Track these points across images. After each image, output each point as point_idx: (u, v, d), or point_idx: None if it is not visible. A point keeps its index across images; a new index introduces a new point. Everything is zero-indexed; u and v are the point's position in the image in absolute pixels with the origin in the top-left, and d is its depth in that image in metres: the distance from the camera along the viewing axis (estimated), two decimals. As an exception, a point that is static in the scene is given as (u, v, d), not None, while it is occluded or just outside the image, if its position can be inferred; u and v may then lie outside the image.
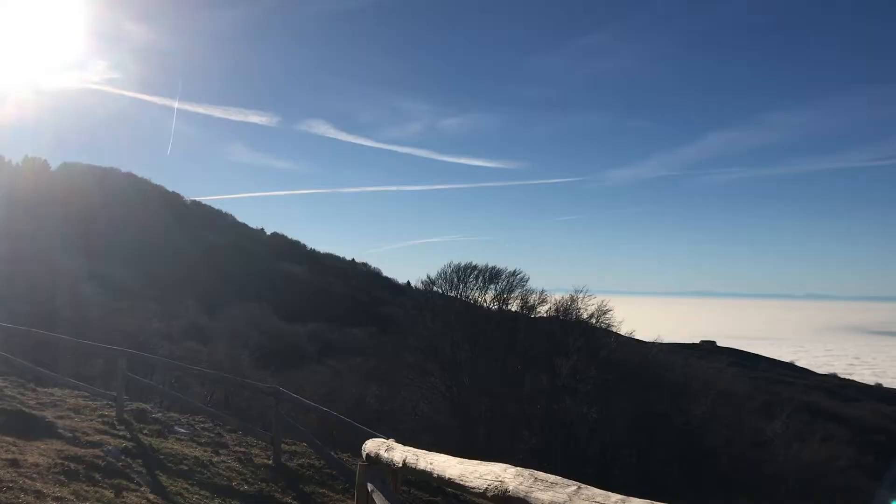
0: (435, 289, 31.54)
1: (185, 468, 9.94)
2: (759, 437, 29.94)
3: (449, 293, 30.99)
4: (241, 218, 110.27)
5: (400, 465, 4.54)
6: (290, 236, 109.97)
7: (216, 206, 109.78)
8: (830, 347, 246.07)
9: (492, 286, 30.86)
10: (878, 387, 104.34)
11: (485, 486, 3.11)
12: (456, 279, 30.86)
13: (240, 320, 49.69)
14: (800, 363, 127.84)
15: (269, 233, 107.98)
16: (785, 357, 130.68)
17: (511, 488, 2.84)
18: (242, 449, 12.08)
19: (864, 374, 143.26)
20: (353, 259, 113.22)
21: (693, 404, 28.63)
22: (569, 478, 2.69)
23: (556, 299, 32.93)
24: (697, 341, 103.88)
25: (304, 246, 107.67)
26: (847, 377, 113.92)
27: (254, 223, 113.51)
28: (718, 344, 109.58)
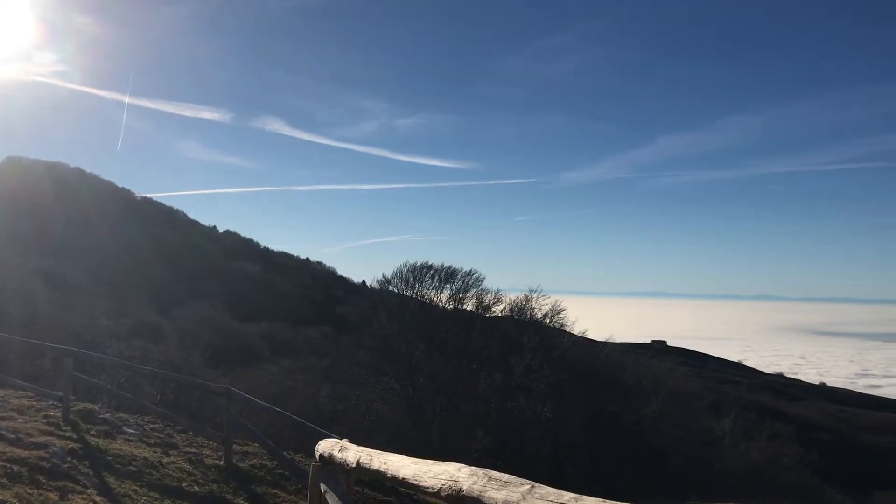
0: (390, 288, 31.46)
1: (134, 469, 9.76)
2: (709, 436, 30.51)
3: (404, 293, 30.94)
4: (193, 215, 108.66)
5: (354, 465, 4.51)
6: (243, 234, 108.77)
7: (168, 203, 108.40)
8: (777, 348, 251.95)
9: (447, 286, 30.92)
10: (823, 386, 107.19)
11: (439, 485, 3.10)
12: (412, 279, 30.83)
13: (191, 319, 48.94)
14: (748, 363, 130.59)
15: (221, 230, 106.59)
16: (733, 357, 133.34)
17: (465, 488, 2.84)
18: (193, 450, 11.90)
19: (809, 374, 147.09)
20: (307, 258, 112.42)
21: (644, 403, 29.04)
22: (522, 477, 2.70)
23: (511, 299, 33.15)
24: (648, 341, 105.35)
25: (258, 244, 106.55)
26: (793, 376, 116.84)
27: (206, 221, 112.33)
28: (669, 344, 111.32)
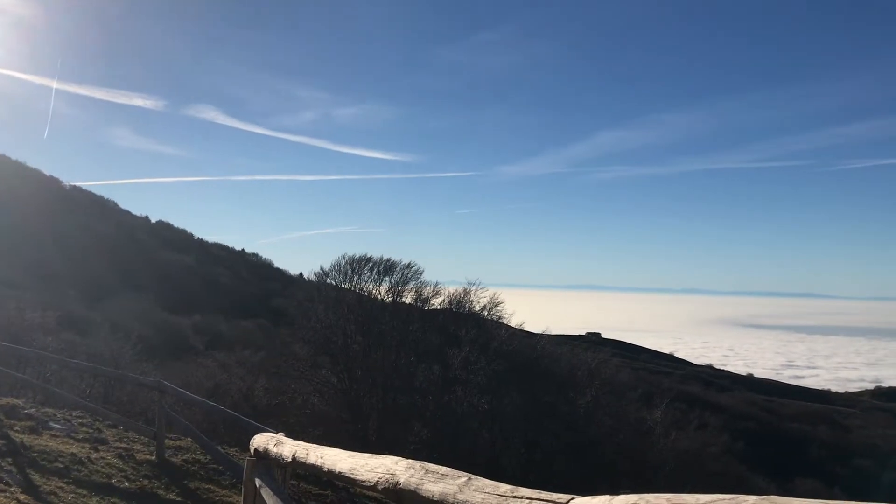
0: (328, 280, 31.19)
1: (61, 466, 9.48)
2: (641, 426, 31.16)
3: (342, 285, 30.72)
4: (124, 205, 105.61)
5: (289, 459, 4.48)
6: (176, 225, 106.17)
7: (98, 193, 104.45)
8: (707, 339, 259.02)
9: (386, 278, 30.80)
10: (750, 377, 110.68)
11: (375, 479, 3.11)
12: (350, 271, 30.62)
13: (122, 311, 47.66)
14: (678, 354, 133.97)
15: (154, 221, 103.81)
16: (665, 348, 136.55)
17: (402, 481, 2.85)
18: (123, 445, 11.63)
19: (737, 365, 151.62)
20: (243, 249, 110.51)
21: (578, 394, 29.50)
22: (459, 469, 2.73)
23: (449, 292, 33.27)
24: (583, 333, 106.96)
25: (192, 235, 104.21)
26: (721, 367, 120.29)
27: (138, 210, 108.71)
28: (603, 336, 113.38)
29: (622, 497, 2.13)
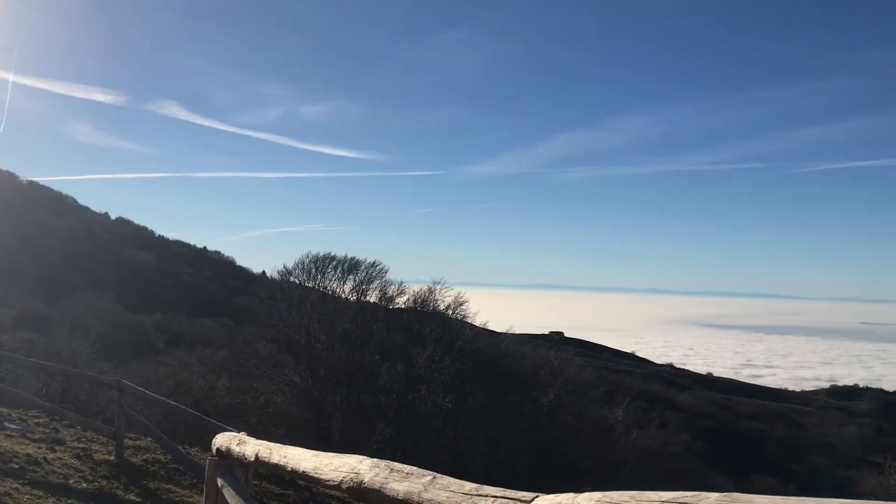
0: (292, 279, 30.98)
1: (16, 467, 9.29)
2: (603, 425, 31.47)
3: (306, 284, 30.53)
4: (83, 201, 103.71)
5: (252, 459, 4.45)
6: (137, 222, 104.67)
7: (56, 188, 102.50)
8: (668, 339, 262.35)
9: (350, 277, 30.68)
10: (710, 376, 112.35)
11: (340, 478, 3.10)
12: (314, 269, 30.44)
13: (81, 309, 46.89)
14: (640, 353, 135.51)
15: (114, 217, 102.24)
16: (627, 348, 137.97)
17: (366, 480, 2.84)
18: (81, 445, 11.44)
19: (697, 364, 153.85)
20: (204, 247, 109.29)
21: (541, 393, 29.67)
22: (424, 468, 2.73)
23: (414, 291, 33.22)
24: (547, 332, 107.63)
25: (153, 232, 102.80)
26: (682, 367, 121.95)
27: (98, 207, 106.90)
28: (566, 335, 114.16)
29: (586, 494, 2.15)
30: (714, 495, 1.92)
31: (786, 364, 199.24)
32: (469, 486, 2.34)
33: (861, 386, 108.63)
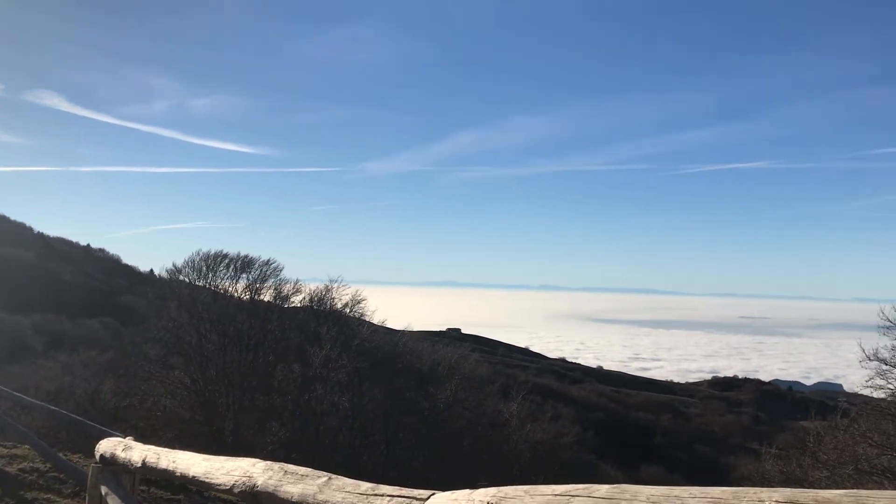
0: (181, 277, 29.99)
1: None
2: (498, 419, 31.98)
3: (197, 282, 29.63)
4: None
5: (139, 465, 4.30)
6: (13, 217, 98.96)
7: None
8: (560, 334, 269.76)
9: (244, 275, 29.98)
10: (600, 369, 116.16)
11: (232, 482, 3.02)
12: (205, 268, 29.56)
13: (-51, 311, 43.96)
14: (534, 348, 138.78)
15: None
16: (521, 343, 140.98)
17: (260, 483, 2.79)
18: (-51, 456, 10.73)
19: (588, 358, 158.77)
20: (88, 244, 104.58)
21: (439, 390, 29.89)
22: (320, 468, 2.70)
23: (310, 289, 32.83)
24: (444, 329, 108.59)
25: (31, 229, 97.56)
26: (574, 361, 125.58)
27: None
28: (463, 331, 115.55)
29: (481, 490, 2.17)
30: (604, 487, 1.98)
31: (671, 357, 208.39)
32: (365, 485, 2.33)
33: (740, 377, 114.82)
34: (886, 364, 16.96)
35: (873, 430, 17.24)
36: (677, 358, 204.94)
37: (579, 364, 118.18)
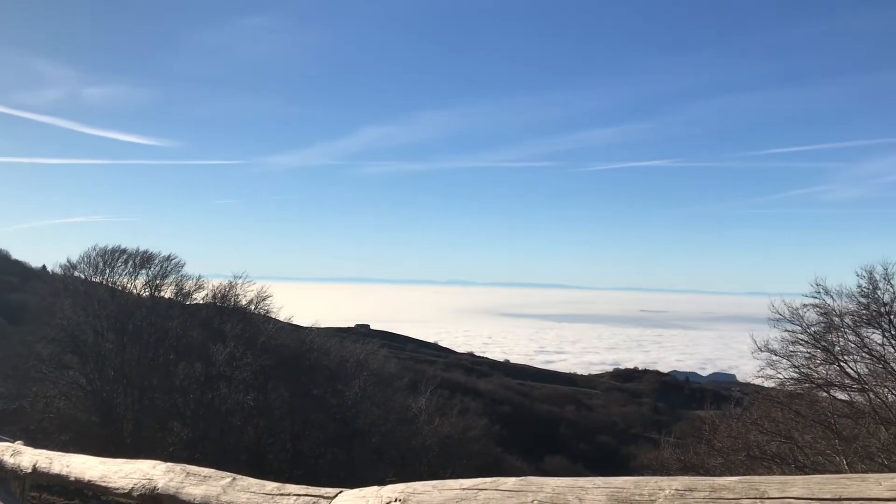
0: (77, 274, 28.75)
1: None
2: (407, 414, 32.04)
3: (93, 279, 28.45)
4: None
5: (29, 470, 4.10)
6: None
7: None
8: (468, 328, 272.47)
9: (143, 272, 28.95)
10: (507, 363, 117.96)
11: (131, 485, 2.92)
12: (101, 263, 28.41)
13: None
14: (442, 343, 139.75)
15: None
16: (430, 338, 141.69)
17: (160, 486, 2.70)
18: None
19: (495, 352, 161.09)
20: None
21: (347, 386, 29.72)
22: (224, 468, 2.63)
23: (213, 285, 31.95)
24: (353, 325, 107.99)
25: None
26: (481, 355, 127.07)
27: None
28: (372, 327, 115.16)
29: (390, 487, 2.16)
30: (511, 480, 2.00)
31: (575, 350, 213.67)
32: (271, 485, 2.29)
33: (640, 368, 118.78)
34: (776, 355, 17.84)
35: (764, 418, 18.17)
36: (581, 351, 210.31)
37: (487, 358, 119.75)
